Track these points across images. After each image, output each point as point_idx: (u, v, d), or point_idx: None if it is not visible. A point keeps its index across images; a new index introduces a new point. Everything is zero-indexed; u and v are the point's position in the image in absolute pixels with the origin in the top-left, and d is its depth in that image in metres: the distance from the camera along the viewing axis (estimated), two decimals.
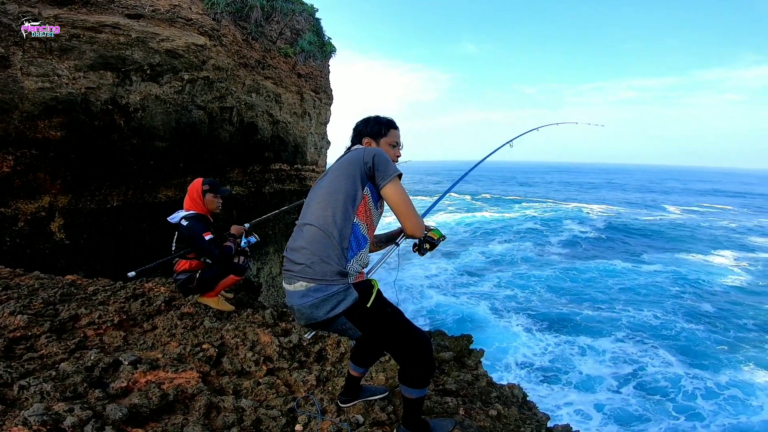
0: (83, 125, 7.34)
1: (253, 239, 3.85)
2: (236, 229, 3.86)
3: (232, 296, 4.17)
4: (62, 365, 2.27)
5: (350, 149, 2.07)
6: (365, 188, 1.86)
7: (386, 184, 1.84)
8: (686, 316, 17.11)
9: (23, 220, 7.02)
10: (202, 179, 3.66)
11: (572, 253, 28.32)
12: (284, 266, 1.91)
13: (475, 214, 44.42)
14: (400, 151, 2.19)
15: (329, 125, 16.78)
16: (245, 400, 2.28)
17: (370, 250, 2.02)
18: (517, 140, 3.79)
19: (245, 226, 3.95)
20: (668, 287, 20.70)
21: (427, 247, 2.19)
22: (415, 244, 2.24)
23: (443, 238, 2.22)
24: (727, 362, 13.43)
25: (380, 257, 2.25)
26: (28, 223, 7.07)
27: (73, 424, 1.73)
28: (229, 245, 3.58)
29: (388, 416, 2.39)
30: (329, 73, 15.61)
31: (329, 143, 16.86)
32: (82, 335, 2.87)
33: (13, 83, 6.66)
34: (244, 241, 3.77)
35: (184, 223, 3.42)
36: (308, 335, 2.05)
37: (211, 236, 3.41)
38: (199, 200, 3.57)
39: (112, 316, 3.18)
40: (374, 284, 1.90)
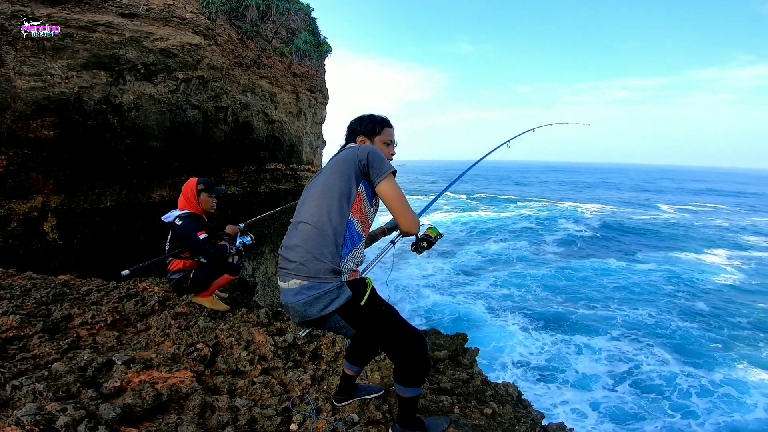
0: (76, 125, 7.29)
1: (247, 239, 3.84)
2: (231, 228, 3.85)
3: (226, 296, 4.15)
4: (55, 365, 2.26)
5: (344, 147, 2.07)
6: (360, 185, 1.86)
7: (381, 181, 1.84)
8: (680, 314, 17.21)
9: (16, 220, 6.97)
10: (196, 179, 3.65)
11: (567, 251, 28.44)
12: (279, 264, 1.91)
13: (470, 213, 44.47)
14: (394, 149, 2.19)
15: (325, 125, 16.77)
16: (240, 399, 2.28)
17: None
18: (514, 141, 3.84)
19: (240, 226, 3.94)
20: (662, 286, 20.83)
21: (424, 245, 2.18)
22: (413, 242, 2.24)
23: (441, 236, 2.22)
24: (721, 360, 13.51)
25: (375, 256, 2.25)
26: (20, 223, 7.01)
27: (66, 423, 1.72)
28: (224, 244, 3.57)
29: (383, 415, 2.39)
30: (325, 72, 15.58)
31: (325, 143, 16.84)
32: (75, 335, 2.85)
33: (5, 82, 6.61)
34: (239, 240, 3.76)
35: (178, 222, 3.40)
36: (303, 333, 2.05)
37: (205, 235, 3.40)
38: (193, 200, 3.56)
39: (105, 316, 3.17)
40: (368, 282, 1.90)
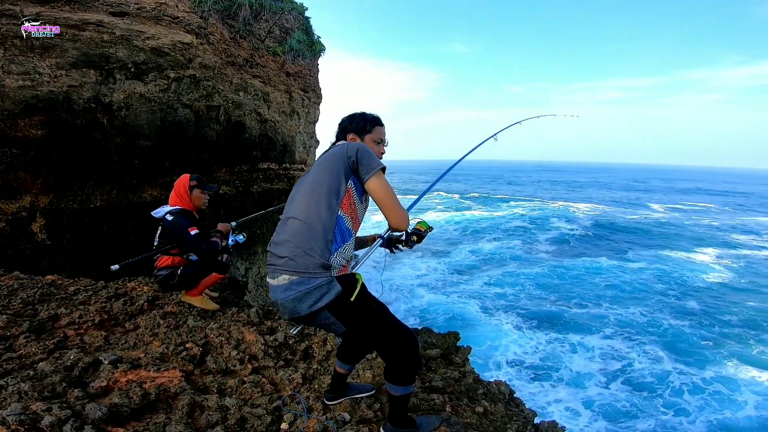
0: (65, 124, 7.20)
1: (240, 238, 3.80)
2: (223, 226, 3.81)
3: (216, 295, 4.12)
4: (41, 365, 2.22)
5: (335, 145, 2.06)
6: (349, 182, 1.85)
7: (370, 177, 1.83)
8: (672, 312, 17.35)
9: (4, 220, 6.86)
10: (189, 175, 3.62)
11: (560, 250, 28.58)
12: (268, 261, 1.90)
13: (464, 212, 44.50)
14: (384, 148, 2.18)
15: (318, 124, 16.75)
16: (229, 398, 2.26)
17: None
18: (504, 136, 3.83)
19: (232, 224, 3.91)
20: (653, 284, 21.00)
21: (414, 239, 2.18)
22: (402, 240, 2.23)
23: (430, 229, 2.22)
24: (712, 358, 13.63)
25: (366, 251, 2.23)
26: (8, 223, 6.91)
27: (51, 423, 1.69)
28: (215, 241, 3.54)
29: (374, 414, 2.38)
30: (318, 72, 15.55)
31: (318, 142, 16.81)
32: (61, 335, 2.81)
33: None
34: (231, 239, 3.73)
35: (169, 217, 3.36)
36: (294, 330, 2.04)
37: (196, 231, 3.37)
38: (185, 196, 3.52)
39: (93, 315, 3.13)
40: (358, 278, 1.89)
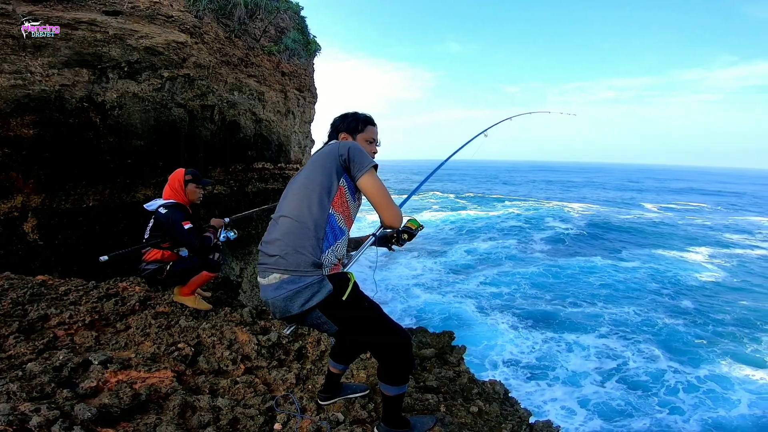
0: (57, 123, 7.13)
1: (232, 234, 3.77)
2: (216, 222, 3.79)
3: (209, 295, 4.09)
4: (29, 365, 2.19)
5: (327, 144, 2.06)
6: (341, 180, 1.84)
7: (362, 175, 1.82)
8: (666, 311, 17.45)
9: None
10: (184, 169, 3.59)
11: (555, 250, 28.70)
12: (259, 260, 1.88)
13: (459, 212, 44.55)
14: (376, 147, 2.17)
15: (313, 124, 16.70)
16: (222, 399, 2.24)
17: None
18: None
19: (225, 220, 3.88)
20: (647, 283, 21.12)
21: (405, 237, 2.17)
22: (393, 238, 2.22)
23: (421, 227, 2.21)
24: (705, 356, 13.72)
25: (358, 250, 2.21)
26: (0, 223, 6.84)
27: (39, 423, 1.67)
28: (208, 236, 3.51)
29: (368, 414, 2.37)
30: (314, 71, 15.51)
31: (313, 142, 16.76)
32: (51, 335, 2.77)
33: None
34: (222, 234, 3.70)
35: (162, 210, 3.33)
36: (287, 330, 2.02)
37: (190, 225, 3.33)
38: (180, 190, 3.50)
39: (83, 316, 3.09)
40: (350, 277, 1.87)
